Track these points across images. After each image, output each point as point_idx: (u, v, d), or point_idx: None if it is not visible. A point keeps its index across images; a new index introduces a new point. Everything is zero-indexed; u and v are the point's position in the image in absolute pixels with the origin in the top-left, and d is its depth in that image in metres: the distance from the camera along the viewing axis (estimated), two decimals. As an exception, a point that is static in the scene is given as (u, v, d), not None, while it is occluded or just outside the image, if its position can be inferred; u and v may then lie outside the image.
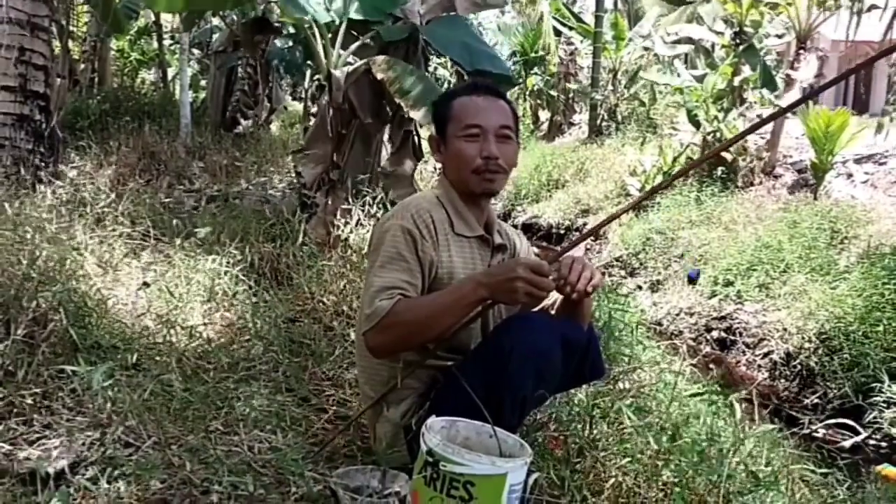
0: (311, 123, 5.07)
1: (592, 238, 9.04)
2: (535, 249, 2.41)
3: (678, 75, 11.38)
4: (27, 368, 2.15)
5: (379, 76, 4.22)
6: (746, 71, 9.43)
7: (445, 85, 15.37)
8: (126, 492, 1.71)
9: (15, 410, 2.00)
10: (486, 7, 5.99)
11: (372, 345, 1.87)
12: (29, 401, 2.04)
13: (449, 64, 15.58)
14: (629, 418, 2.17)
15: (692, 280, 6.55)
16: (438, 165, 2.13)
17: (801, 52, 8.87)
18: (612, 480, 1.85)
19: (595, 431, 2.13)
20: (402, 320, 1.80)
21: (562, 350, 1.86)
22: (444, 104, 2.08)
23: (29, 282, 2.45)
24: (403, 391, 1.96)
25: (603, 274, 1.90)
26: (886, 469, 3.49)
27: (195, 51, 13.90)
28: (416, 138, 5.17)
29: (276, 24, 9.20)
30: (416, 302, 1.85)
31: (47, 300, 2.40)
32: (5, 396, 2.00)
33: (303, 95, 14.63)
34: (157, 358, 2.42)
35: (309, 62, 10.53)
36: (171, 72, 14.08)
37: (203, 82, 14.49)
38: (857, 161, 8.88)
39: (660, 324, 6.41)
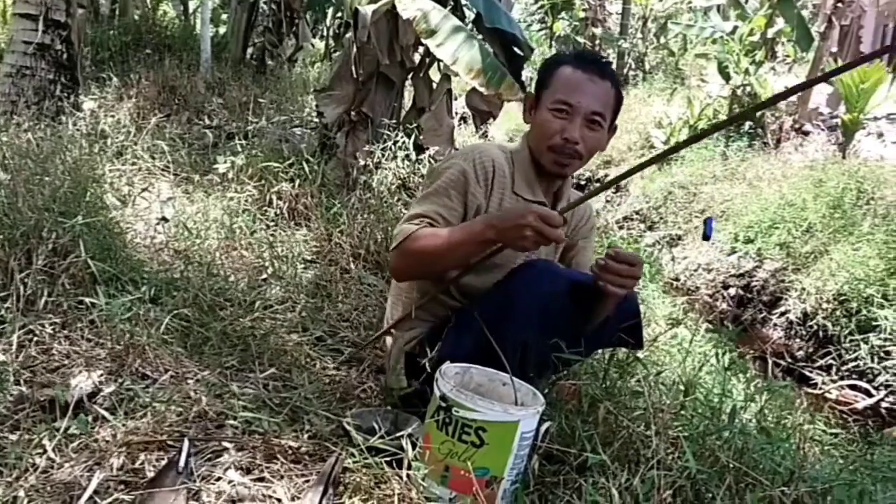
0: (335, 63, 4.92)
1: (613, 190, 8.95)
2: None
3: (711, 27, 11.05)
4: (47, 298, 2.17)
5: (404, 15, 4.07)
6: (781, 23, 9.15)
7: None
8: (143, 422, 1.74)
9: (35, 339, 2.02)
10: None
11: (392, 265, 2.00)
12: (49, 330, 2.06)
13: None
14: (643, 371, 2.17)
15: (707, 237, 6.23)
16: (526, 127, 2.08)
17: (840, 4, 8.58)
18: (623, 433, 1.85)
19: (608, 384, 2.13)
20: (418, 246, 1.86)
21: (570, 295, 1.85)
22: (550, 68, 2.00)
23: (49, 212, 2.45)
24: (416, 321, 2.05)
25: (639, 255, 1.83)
26: (898, 432, 3.49)
27: (216, -16, 13.66)
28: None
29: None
30: (433, 231, 1.88)
31: (67, 231, 2.41)
32: (25, 325, 2.02)
33: (325, 33, 14.41)
34: (175, 293, 2.43)
35: (332, -1, 10.30)
36: (192, 5, 13.87)
37: (224, 16, 14.27)
38: (891, 120, 8.67)
39: (677, 279, 6.38)
